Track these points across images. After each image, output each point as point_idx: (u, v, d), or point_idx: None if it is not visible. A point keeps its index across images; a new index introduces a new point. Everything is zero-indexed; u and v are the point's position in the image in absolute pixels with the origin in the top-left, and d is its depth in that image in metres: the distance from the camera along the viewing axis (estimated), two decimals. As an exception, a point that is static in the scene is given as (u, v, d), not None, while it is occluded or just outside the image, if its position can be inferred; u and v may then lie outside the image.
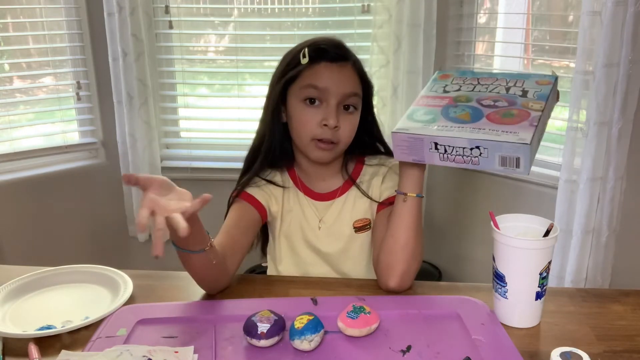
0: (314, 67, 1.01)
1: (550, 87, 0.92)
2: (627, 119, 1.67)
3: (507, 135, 0.82)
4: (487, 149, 0.83)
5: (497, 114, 0.87)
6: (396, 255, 0.96)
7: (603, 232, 1.76)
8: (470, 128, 0.85)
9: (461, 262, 2.29)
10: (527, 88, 0.92)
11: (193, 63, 2.38)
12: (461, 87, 0.95)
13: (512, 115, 0.86)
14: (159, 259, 0.72)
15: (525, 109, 0.87)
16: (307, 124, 1.02)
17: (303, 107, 1.02)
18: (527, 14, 2.06)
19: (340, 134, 1.02)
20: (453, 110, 0.90)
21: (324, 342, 0.80)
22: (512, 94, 0.91)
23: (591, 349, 0.78)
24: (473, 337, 0.81)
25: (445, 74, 1.01)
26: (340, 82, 1.01)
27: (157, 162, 2.28)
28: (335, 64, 1.02)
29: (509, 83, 0.94)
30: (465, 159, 0.84)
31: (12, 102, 2.22)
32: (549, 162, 1.98)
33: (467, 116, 0.88)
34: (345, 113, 1.03)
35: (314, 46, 1.03)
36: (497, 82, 0.95)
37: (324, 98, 1.01)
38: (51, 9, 2.20)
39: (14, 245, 2.19)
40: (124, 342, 0.81)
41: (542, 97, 0.89)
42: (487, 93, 0.93)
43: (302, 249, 1.11)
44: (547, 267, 0.83)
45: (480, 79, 0.97)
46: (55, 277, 1.04)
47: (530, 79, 0.95)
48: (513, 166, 0.83)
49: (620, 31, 1.59)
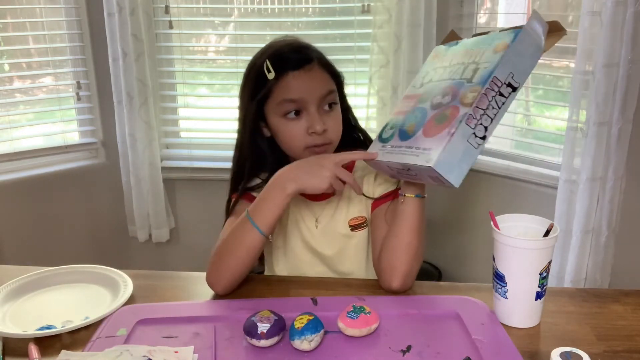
0: (282, 80, 0.99)
1: (503, 53, 0.80)
2: (626, 119, 1.67)
3: (421, 155, 0.81)
4: (416, 170, 0.84)
5: (434, 120, 0.84)
6: (399, 255, 0.95)
7: (602, 232, 1.76)
8: (405, 148, 0.85)
9: (461, 262, 2.29)
10: (481, 62, 0.83)
11: (193, 63, 2.38)
12: (435, 73, 0.93)
13: (444, 118, 0.82)
14: None
15: (459, 105, 0.81)
16: (295, 136, 1.01)
17: (285, 122, 1.01)
18: (527, 14, 2.06)
19: (330, 134, 1.01)
20: (409, 120, 0.89)
21: (324, 342, 0.80)
22: (464, 77, 0.84)
23: (591, 349, 0.78)
24: (473, 337, 0.81)
25: (437, 51, 0.98)
26: (313, 87, 0.99)
27: (157, 162, 2.28)
28: (302, 70, 0.99)
29: (471, 57, 0.86)
30: (410, 176, 0.88)
31: (12, 102, 2.23)
32: (548, 162, 1.98)
33: (412, 128, 0.87)
34: (328, 112, 1.02)
35: (275, 57, 1.00)
36: (463, 58, 0.88)
37: (303, 107, 0.99)
38: (51, 9, 2.20)
39: (14, 245, 2.19)
40: (124, 342, 0.81)
41: (484, 77, 0.80)
42: (446, 81, 0.88)
43: (299, 249, 1.11)
44: (547, 267, 0.83)
45: (455, 54, 0.92)
46: (55, 277, 1.04)
47: (491, 44, 0.84)
48: (441, 182, 0.81)
49: (620, 31, 1.59)
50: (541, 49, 0.83)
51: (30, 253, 2.22)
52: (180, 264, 2.44)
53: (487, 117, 0.80)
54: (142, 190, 2.28)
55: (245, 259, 0.95)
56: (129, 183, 2.28)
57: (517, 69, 0.81)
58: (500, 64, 0.80)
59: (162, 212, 2.33)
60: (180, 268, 0.99)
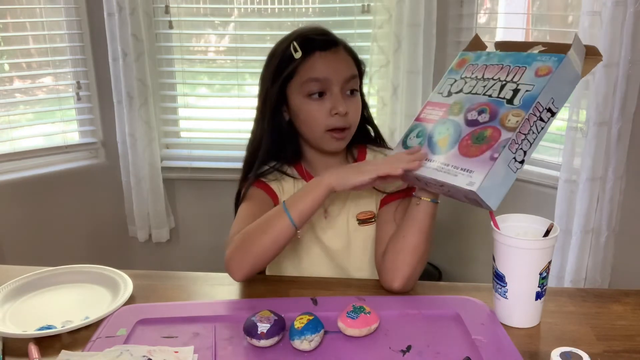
0: (308, 60, 1.00)
1: (548, 78, 0.81)
2: (626, 119, 1.67)
3: (461, 177, 0.81)
4: (450, 188, 0.84)
5: (470, 139, 0.83)
6: (404, 257, 0.95)
7: (602, 232, 1.76)
8: (439, 165, 0.85)
9: (461, 262, 2.29)
10: (521, 83, 0.83)
11: (193, 63, 2.38)
12: (465, 84, 0.91)
13: (483, 139, 0.82)
14: None
15: (500, 127, 0.81)
16: (318, 117, 1.01)
17: (309, 102, 1.01)
18: (527, 14, 2.06)
19: (350, 118, 1.02)
20: (438, 132, 0.89)
21: (324, 342, 0.80)
22: (501, 97, 0.84)
23: (591, 349, 0.78)
24: (473, 337, 0.81)
25: (463, 57, 0.96)
26: (339, 68, 1.01)
27: (157, 162, 2.28)
28: (329, 52, 1.01)
29: (509, 75, 0.86)
30: (442, 190, 0.89)
31: (12, 102, 2.22)
32: (548, 162, 1.98)
33: (445, 142, 0.87)
34: (350, 97, 1.03)
35: (302, 38, 1.02)
36: (499, 74, 0.88)
37: (327, 88, 1.00)
38: (51, 9, 2.20)
39: (14, 245, 2.19)
40: (124, 342, 0.81)
41: (527, 102, 0.80)
42: (481, 96, 0.87)
43: (308, 241, 1.10)
44: (547, 267, 0.83)
45: (487, 67, 0.91)
46: (55, 277, 1.04)
47: (532, 66, 0.84)
48: (478, 203, 0.82)
49: (620, 31, 1.59)
50: (579, 76, 0.84)
51: (30, 253, 2.22)
52: (180, 264, 2.44)
53: (527, 141, 0.81)
54: (142, 190, 2.28)
55: (272, 248, 0.93)
56: (129, 183, 2.28)
57: (557, 95, 0.81)
58: (544, 90, 0.80)
59: (162, 212, 2.33)
60: (180, 268, 0.99)
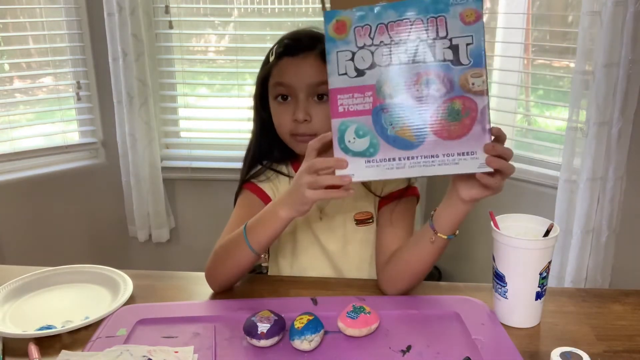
0: (278, 64, 1.02)
1: (481, 23, 0.71)
2: (627, 119, 1.67)
3: (465, 162, 0.75)
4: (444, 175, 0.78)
5: (444, 119, 0.74)
6: (404, 277, 0.95)
7: (603, 232, 1.76)
8: (421, 158, 0.76)
9: (461, 262, 2.29)
10: (454, 37, 0.73)
11: (193, 63, 2.38)
12: (374, 54, 0.76)
13: (457, 113, 0.73)
14: None
15: (467, 95, 0.73)
16: (282, 121, 1.03)
17: (276, 105, 1.03)
18: (527, 14, 2.05)
19: (314, 126, 1.00)
20: (389, 122, 0.76)
21: (324, 342, 0.80)
22: (439, 59, 0.73)
23: (591, 349, 0.78)
24: (473, 337, 0.81)
25: (339, 19, 0.76)
26: (304, 75, 1.00)
27: (157, 162, 2.28)
28: (297, 57, 1.01)
29: (429, 30, 0.73)
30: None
31: (12, 102, 2.22)
32: (548, 162, 1.98)
33: (408, 132, 0.76)
34: (318, 103, 1.01)
35: (280, 42, 1.04)
36: (415, 33, 0.74)
37: (292, 93, 1.01)
38: (51, 9, 2.20)
39: (14, 245, 2.19)
40: (124, 342, 0.81)
41: (477, 57, 0.72)
42: (412, 65, 0.75)
43: (303, 238, 1.10)
44: (547, 267, 0.83)
45: (389, 25, 0.75)
46: (55, 277, 1.04)
47: (450, 12, 0.72)
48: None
49: (620, 31, 1.59)
50: None
51: (30, 253, 2.22)
52: (180, 264, 2.44)
53: None
54: (142, 191, 2.28)
55: (236, 271, 0.97)
56: (129, 183, 2.28)
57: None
58: (483, 38, 0.72)
59: (162, 212, 2.33)
60: (180, 268, 0.99)
